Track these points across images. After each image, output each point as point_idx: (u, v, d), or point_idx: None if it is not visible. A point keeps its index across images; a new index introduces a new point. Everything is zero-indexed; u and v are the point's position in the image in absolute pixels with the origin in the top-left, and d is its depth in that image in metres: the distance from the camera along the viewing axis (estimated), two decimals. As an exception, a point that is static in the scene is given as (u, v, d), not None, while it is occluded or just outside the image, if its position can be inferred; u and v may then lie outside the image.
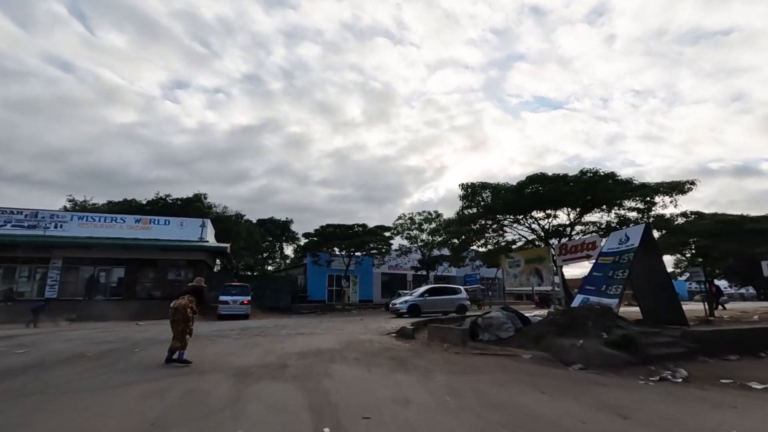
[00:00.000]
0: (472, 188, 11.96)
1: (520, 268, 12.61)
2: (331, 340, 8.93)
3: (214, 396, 4.19)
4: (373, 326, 12.84)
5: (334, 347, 7.74)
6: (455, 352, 7.38)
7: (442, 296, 18.47)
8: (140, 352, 7.13)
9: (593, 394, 4.50)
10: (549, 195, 11.24)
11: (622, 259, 8.99)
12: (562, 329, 8.31)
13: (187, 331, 6.03)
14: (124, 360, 6.41)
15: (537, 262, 11.91)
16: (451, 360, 6.54)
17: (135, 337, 9.36)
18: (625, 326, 7.99)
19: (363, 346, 7.94)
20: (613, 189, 10.59)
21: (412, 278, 36.43)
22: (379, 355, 6.86)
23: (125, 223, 23.32)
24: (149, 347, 7.74)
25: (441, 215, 30.23)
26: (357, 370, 5.55)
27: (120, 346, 8.00)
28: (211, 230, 27.76)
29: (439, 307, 17.69)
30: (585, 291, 9.43)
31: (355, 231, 27.10)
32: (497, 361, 6.57)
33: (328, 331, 11.35)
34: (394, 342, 8.81)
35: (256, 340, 8.74)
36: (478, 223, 12.74)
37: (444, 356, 6.93)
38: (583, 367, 6.52)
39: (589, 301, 9.08)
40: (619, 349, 6.99)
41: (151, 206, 34.14)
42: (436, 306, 17.68)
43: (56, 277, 21.02)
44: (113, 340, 8.88)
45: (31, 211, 22.06)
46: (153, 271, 22.75)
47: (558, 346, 7.67)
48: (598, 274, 9.44)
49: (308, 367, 5.77)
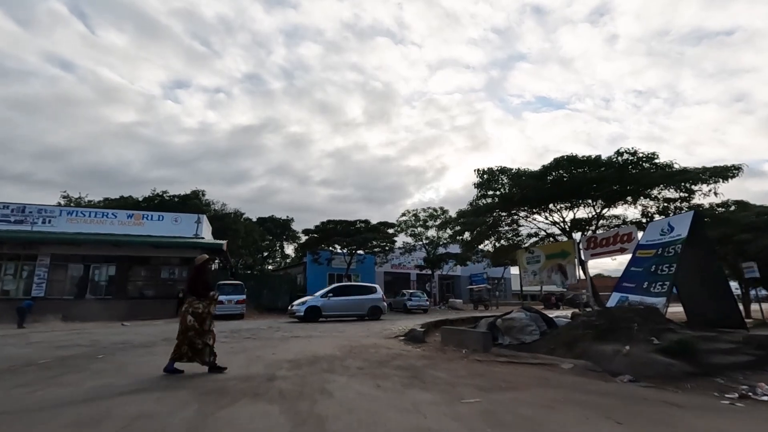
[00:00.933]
0: (489, 173, 10.78)
1: (540, 264, 11.42)
2: (330, 344, 7.78)
3: (169, 426, 3.05)
4: (376, 328, 11.68)
5: (334, 354, 6.58)
6: (477, 360, 6.21)
7: (351, 296, 15.60)
8: (103, 360, 5.99)
9: (683, 423, 3.33)
10: (575, 182, 10.05)
11: (667, 252, 7.81)
12: (600, 333, 7.15)
13: (185, 341, 4.92)
14: (78, 370, 5.27)
15: (560, 257, 10.73)
16: (475, 370, 5.37)
17: (108, 341, 8.23)
18: (678, 330, 6.83)
19: (367, 353, 6.77)
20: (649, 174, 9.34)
21: (415, 277, 35.26)
22: (388, 364, 5.70)
23: (117, 218, 22.25)
24: (117, 353, 6.60)
25: (447, 211, 29.03)
26: (362, 386, 4.38)
27: (84, 351, 6.86)
28: (208, 227, 26.64)
29: (347, 309, 15.15)
30: (622, 289, 8.25)
31: (357, 228, 25.92)
32: (532, 372, 5.39)
33: (327, 333, 10.20)
34: (402, 347, 7.65)
35: (245, 345, 7.58)
36: (492, 216, 11.51)
37: (465, 365, 5.76)
38: (632, 379, 5.38)
39: (629, 301, 7.92)
40: (675, 358, 5.83)
41: (148, 203, 33.15)
42: (343, 308, 15.11)
43: (43, 274, 19.96)
44: (82, 343, 7.76)
45: (18, 206, 21.01)
46: (145, 269, 21.65)
47: (597, 353, 6.52)
48: (637, 269, 8.26)
49: (301, 380, 4.62)
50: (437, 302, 30.49)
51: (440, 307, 28.80)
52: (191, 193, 36.34)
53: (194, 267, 5.30)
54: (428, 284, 33.22)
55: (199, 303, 4.97)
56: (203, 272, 5.21)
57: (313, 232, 26.74)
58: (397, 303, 24.82)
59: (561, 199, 10.92)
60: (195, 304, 4.95)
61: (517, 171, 10.65)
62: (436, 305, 29.19)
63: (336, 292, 15.49)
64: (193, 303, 4.95)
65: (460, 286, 38.11)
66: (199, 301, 4.97)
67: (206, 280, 5.17)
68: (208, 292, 5.09)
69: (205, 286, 5.07)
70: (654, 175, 9.33)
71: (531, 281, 11.98)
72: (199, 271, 5.21)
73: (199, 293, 5.03)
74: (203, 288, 5.06)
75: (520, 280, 12.46)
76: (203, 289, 5.05)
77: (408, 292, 24.88)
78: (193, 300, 4.98)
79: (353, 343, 7.92)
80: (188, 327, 4.88)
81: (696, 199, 9.98)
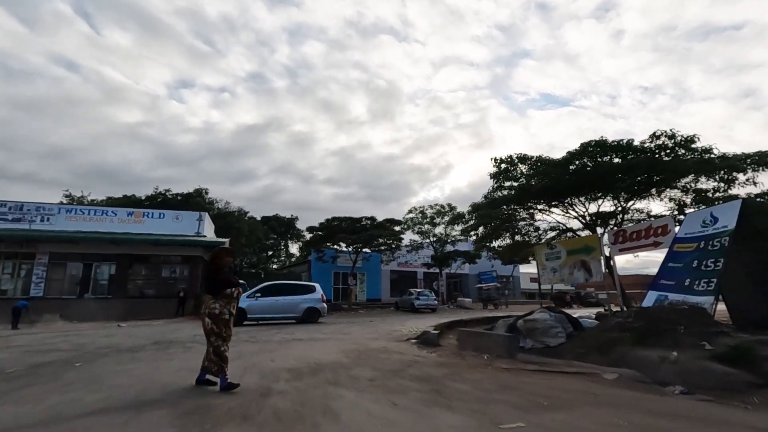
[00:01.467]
0: (508, 162, 9.94)
1: (561, 260, 10.60)
2: (335, 348, 7.05)
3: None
4: (385, 329, 10.93)
5: (340, 360, 5.84)
6: (503, 368, 5.44)
7: (284, 297, 13.76)
8: (79, 368, 5.30)
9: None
10: (599, 171, 9.19)
11: (712, 246, 6.97)
12: (640, 337, 6.35)
13: (210, 348, 4.23)
14: (46, 381, 4.57)
15: (584, 253, 9.90)
16: (504, 382, 4.60)
17: (95, 344, 7.56)
18: (731, 333, 6.01)
19: (378, 359, 6.02)
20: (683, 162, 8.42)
21: (422, 276, 34.49)
22: (402, 374, 4.94)
23: (116, 216, 21.75)
24: (98, 360, 5.91)
25: (455, 208, 28.21)
26: (374, 403, 3.64)
27: (63, 357, 6.18)
28: (210, 225, 26.08)
29: (278, 311, 13.38)
30: (660, 287, 7.42)
31: (363, 225, 25.15)
32: (571, 384, 4.61)
33: (331, 335, 9.48)
34: (416, 351, 6.89)
35: (241, 349, 6.87)
36: (510, 209, 10.67)
37: (491, 375, 4.99)
38: (685, 391, 4.60)
39: (669, 300, 7.09)
40: (733, 366, 5.03)
41: (151, 202, 32.74)
42: (274, 310, 13.28)
43: (42, 273, 19.51)
44: (64, 347, 7.09)
45: (16, 204, 20.56)
46: (146, 267, 21.17)
47: (639, 359, 5.73)
48: (675, 264, 7.43)
49: (301, 395, 3.88)
50: (445, 301, 29.69)
51: (448, 306, 27.99)
52: (194, 191, 35.89)
53: (209, 260, 4.51)
54: (435, 283, 32.45)
55: (215, 302, 4.19)
56: (219, 266, 4.38)
57: (317, 230, 26.04)
58: (404, 302, 24.06)
59: (583, 191, 10.06)
60: (211, 303, 4.19)
61: (538, 158, 9.81)
62: (444, 304, 28.39)
63: (265, 292, 13.72)
64: (209, 303, 4.20)
65: (467, 284, 37.27)
66: (215, 301, 4.20)
67: (223, 275, 4.35)
68: (225, 288, 4.22)
69: (222, 282, 4.25)
70: (689, 163, 8.42)
71: (550, 279, 11.15)
72: (214, 266, 4.39)
73: (215, 291, 4.24)
74: (220, 284, 4.25)
75: (539, 277, 11.62)
76: (220, 286, 4.24)
77: (415, 291, 24.08)
78: (210, 299, 4.23)
79: (361, 348, 7.17)
80: (209, 332, 4.20)
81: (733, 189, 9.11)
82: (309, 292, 14.38)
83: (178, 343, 7.73)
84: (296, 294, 14.15)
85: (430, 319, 15.43)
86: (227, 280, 4.29)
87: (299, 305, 13.76)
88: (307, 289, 14.57)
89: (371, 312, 22.94)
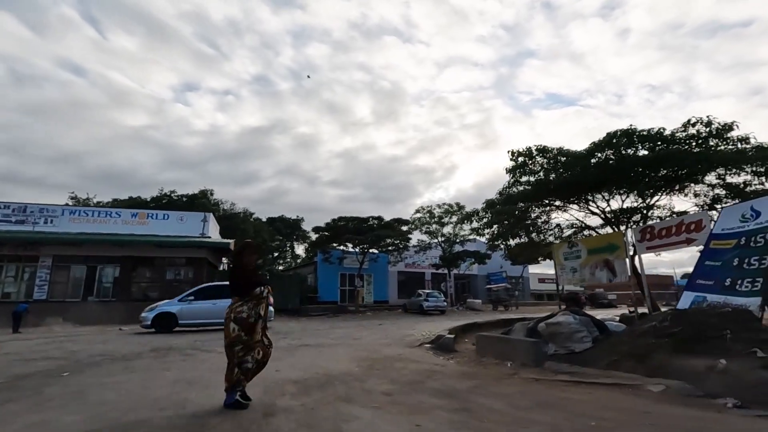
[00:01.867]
0: (526, 155, 9.33)
1: (582, 260, 10.01)
2: (345, 355, 6.54)
3: None
4: (396, 333, 10.41)
5: (351, 370, 5.33)
6: (532, 379, 4.89)
7: (223, 300, 11.56)
8: (65, 380, 4.84)
9: None
10: (623, 164, 8.58)
11: (755, 242, 6.37)
12: (681, 343, 5.77)
13: (235, 360, 3.53)
14: (25, 396, 4.12)
15: (607, 251, 9.30)
16: (538, 397, 4.06)
17: (89, 351, 7.12)
18: (787, 339, 5.42)
19: (393, 368, 5.50)
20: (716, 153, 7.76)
21: (430, 277, 33.89)
22: (422, 387, 4.42)
23: (120, 217, 21.47)
24: (87, 370, 5.45)
25: (463, 207, 27.58)
26: (393, 426, 3.12)
27: (51, 366, 5.74)
28: (215, 226, 25.76)
29: (215, 316, 11.56)
30: (697, 287, 6.82)
31: (369, 225, 24.63)
32: (615, 398, 4.06)
33: (341, 340, 8.97)
34: (432, 359, 6.36)
35: (244, 357, 6.37)
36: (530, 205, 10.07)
37: (522, 388, 4.45)
38: (739, 404, 4.06)
39: (708, 301, 6.50)
40: (794, 376, 4.46)
41: (156, 203, 32.55)
42: (209, 315, 11.68)
43: (45, 276, 19.26)
44: (55, 355, 6.66)
45: (19, 205, 20.34)
46: (150, 269, 20.82)
47: (683, 369, 5.16)
48: (713, 263, 6.83)
49: (308, 415, 3.37)
50: (454, 303, 29.06)
51: (457, 308, 27.37)
52: (199, 192, 35.67)
53: (232, 257, 3.99)
54: (443, 284, 31.83)
55: (243, 305, 3.58)
56: (243, 263, 3.76)
57: (323, 230, 25.55)
58: (412, 304, 23.49)
59: (605, 186, 9.45)
60: (238, 307, 3.58)
61: (560, 149, 9.20)
62: (453, 306, 27.77)
63: (201, 295, 12.22)
64: (235, 307, 3.59)
65: (476, 285, 36.59)
66: (243, 303, 3.59)
67: (249, 273, 3.75)
68: (253, 288, 3.64)
69: (250, 281, 3.67)
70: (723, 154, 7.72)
71: (570, 279, 10.56)
72: (238, 263, 3.80)
73: (243, 291, 3.64)
74: (246, 283, 3.66)
75: (556, 278, 11.04)
76: (246, 285, 3.65)
77: (424, 292, 23.50)
78: (237, 302, 3.62)
79: (373, 354, 6.66)
80: (234, 340, 3.51)
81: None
82: None
83: (177, 349, 7.27)
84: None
85: (441, 321, 14.89)
86: (255, 279, 3.72)
87: None
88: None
89: (379, 314, 22.42)
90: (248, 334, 3.54)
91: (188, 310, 11.92)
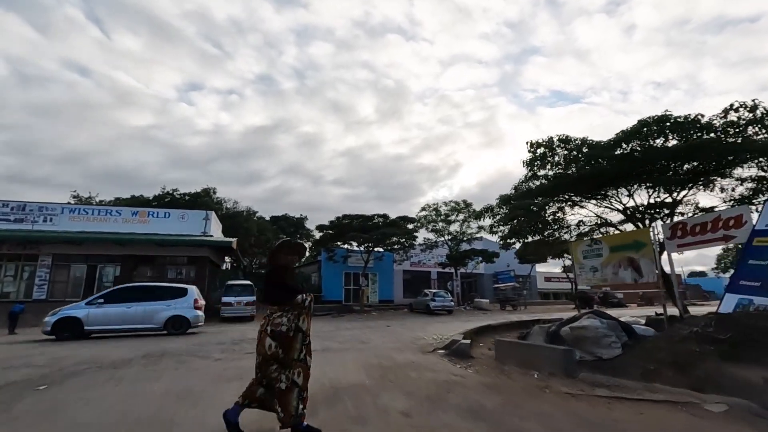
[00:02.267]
0: (546, 146, 8.68)
1: (603, 258, 9.38)
2: (353, 363, 5.98)
3: None
4: (406, 336, 9.84)
5: (361, 381, 4.77)
6: (567, 393, 4.30)
7: (138, 303, 10.82)
8: (41, 393, 4.31)
9: None
10: (650, 155, 7.92)
11: (809, 238, 5.74)
12: (729, 351, 5.18)
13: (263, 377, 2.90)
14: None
15: (632, 249, 8.67)
16: (584, 418, 3.48)
17: (76, 357, 6.60)
18: None
19: (407, 379, 4.93)
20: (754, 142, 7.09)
21: (436, 276, 33.31)
22: (444, 403, 3.85)
23: (121, 216, 21.06)
24: (69, 380, 4.93)
25: (470, 204, 26.93)
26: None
27: (30, 375, 5.22)
28: (217, 224, 25.31)
29: (128, 320, 10.56)
30: (741, 288, 6.21)
31: (375, 223, 24.05)
32: (673, 420, 3.47)
33: (348, 344, 8.43)
34: (449, 367, 5.78)
35: (243, 365, 5.85)
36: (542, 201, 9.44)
37: (560, 405, 3.87)
38: None
39: (754, 304, 5.88)
40: None
41: (158, 202, 32.18)
42: (122, 319, 10.50)
43: (45, 275, 18.90)
44: (39, 362, 6.15)
45: (18, 204, 20.00)
46: (151, 268, 20.41)
47: (734, 381, 4.58)
48: (758, 262, 6.21)
49: (315, 444, 2.81)
50: (461, 302, 28.45)
51: (465, 307, 26.76)
52: (202, 191, 35.28)
53: (269, 258, 3.33)
54: (450, 283, 31.24)
55: (281, 315, 2.93)
56: (282, 265, 3.15)
57: (328, 228, 25.01)
58: (418, 303, 22.92)
59: (630, 179, 8.81)
60: (276, 318, 2.93)
61: (584, 140, 8.55)
62: (460, 305, 27.16)
63: (113, 298, 10.84)
64: (273, 318, 2.94)
65: (483, 284, 35.96)
66: (282, 313, 2.95)
67: (286, 277, 3.12)
68: (294, 295, 2.99)
69: (286, 287, 3.04)
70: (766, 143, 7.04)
71: (589, 279, 9.93)
72: (275, 266, 3.17)
73: (282, 299, 3.00)
74: (283, 290, 3.02)
75: (575, 277, 10.43)
76: (284, 292, 3.01)
77: (431, 292, 22.90)
78: (275, 313, 2.97)
79: (384, 361, 6.09)
80: (268, 357, 2.88)
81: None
82: (178, 296, 11.49)
83: (172, 354, 6.74)
84: (159, 299, 11.22)
85: (450, 323, 14.31)
86: (294, 286, 3.10)
87: (159, 314, 10.93)
88: (175, 293, 11.62)
89: (384, 314, 21.86)
90: (285, 351, 2.88)
91: (97, 315, 10.47)
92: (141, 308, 10.91)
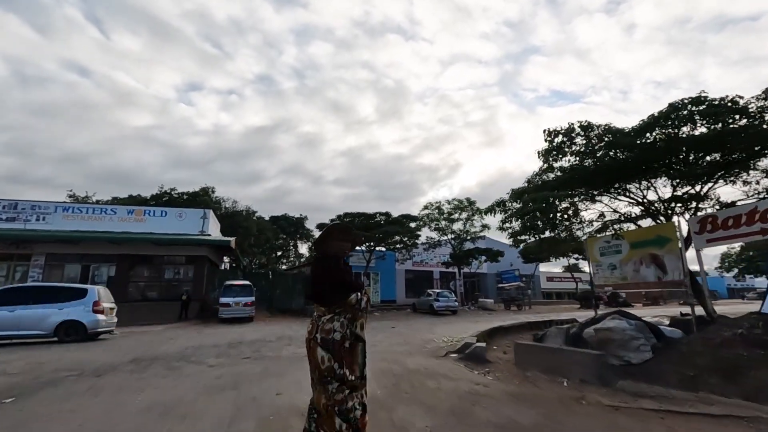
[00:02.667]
0: (566, 134, 8.13)
1: (623, 255, 8.87)
2: (362, 369, 5.43)
3: None
4: (414, 338, 9.30)
5: (372, 391, 4.21)
6: (609, 405, 3.77)
7: (27, 307, 9.53)
8: (8, 407, 3.77)
9: None
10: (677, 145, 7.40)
11: None
12: (782, 355, 4.66)
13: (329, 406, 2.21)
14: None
15: (655, 245, 8.14)
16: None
17: (58, 363, 6.05)
18: None
19: (425, 389, 4.39)
20: None
21: (439, 275, 32.78)
22: (471, 419, 3.31)
23: (116, 214, 20.51)
24: (43, 390, 4.39)
25: (474, 202, 26.39)
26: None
27: (5, 384, 4.68)
28: (215, 223, 24.77)
29: (13, 326, 9.29)
30: (786, 286, 5.67)
31: (376, 221, 23.51)
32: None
33: (353, 347, 7.85)
34: (468, 374, 5.24)
35: (239, 371, 5.30)
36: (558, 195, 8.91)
37: (606, 421, 3.33)
38: None
39: (802, 303, 5.35)
40: None
41: (156, 201, 31.63)
42: (5, 326, 9.23)
43: (38, 275, 18.34)
44: (16, 369, 5.59)
45: (10, 202, 19.44)
46: (147, 268, 19.86)
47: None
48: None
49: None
50: (464, 302, 27.89)
51: (469, 307, 26.21)
52: (200, 190, 34.72)
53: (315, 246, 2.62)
54: (452, 283, 30.69)
55: (333, 320, 2.28)
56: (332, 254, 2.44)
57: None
58: (422, 303, 22.36)
59: (649, 171, 8.28)
60: (327, 323, 2.28)
61: (607, 126, 7.98)
62: (464, 305, 26.61)
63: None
64: (323, 323, 2.29)
65: (486, 284, 35.40)
66: (332, 316, 2.29)
67: (343, 270, 2.40)
68: (348, 292, 2.32)
69: (343, 283, 2.34)
70: None
71: (607, 277, 9.39)
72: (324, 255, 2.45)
73: (331, 298, 2.32)
74: (340, 286, 2.33)
75: (591, 276, 9.90)
76: (340, 288, 2.33)
77: (434, 292, 22.34)
78: (325, 315, 2.32)
79: (395, 368, 5.55)
80: (323, 372, 2.23)
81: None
82: (75, 298, 10.05)
83: (162, 360, 6.19)
84: (51, 302, 9.82)
85: (456, 323, 13.78)
86: (349, 280, 2.36)
87: (48, 319, 9.53)
88: (72, 295, 10.18)
89: (387, 314, 21.32)
90: (343, 366, 2.23)
91: None
92: (27, 312, 9.54)
